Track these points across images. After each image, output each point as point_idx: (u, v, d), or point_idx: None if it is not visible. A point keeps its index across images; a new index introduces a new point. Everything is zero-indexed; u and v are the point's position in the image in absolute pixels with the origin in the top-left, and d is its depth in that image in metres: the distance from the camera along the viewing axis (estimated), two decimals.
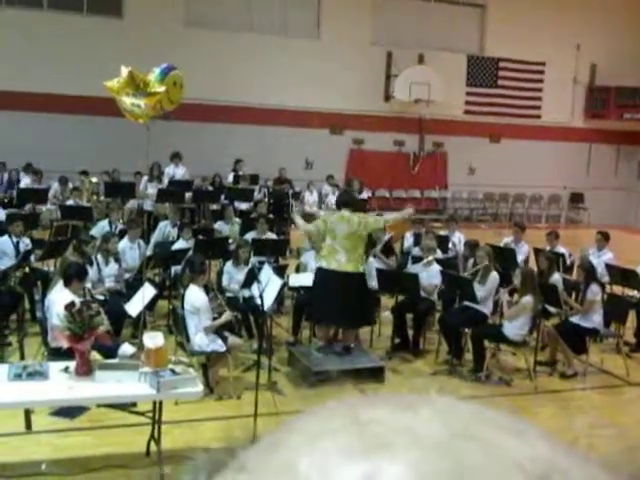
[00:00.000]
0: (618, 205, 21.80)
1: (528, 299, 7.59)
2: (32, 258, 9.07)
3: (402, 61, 19.51)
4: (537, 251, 10.31)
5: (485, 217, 21.38)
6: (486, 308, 8.19)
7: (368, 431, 0.45)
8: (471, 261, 9.04)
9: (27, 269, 8.70)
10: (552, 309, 8.60)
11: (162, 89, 6.30)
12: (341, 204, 7.74)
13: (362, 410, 0.48)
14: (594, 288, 8.19)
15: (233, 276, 8.55)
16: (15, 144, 15.72)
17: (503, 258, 9.61)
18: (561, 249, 10.39)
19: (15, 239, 9.08)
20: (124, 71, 6.37)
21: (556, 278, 8.79)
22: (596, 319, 8.19)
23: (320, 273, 7.60)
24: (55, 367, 5.27)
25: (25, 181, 14.75)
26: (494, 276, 8.21)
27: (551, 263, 9.04)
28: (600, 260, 9.62)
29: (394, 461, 0.43)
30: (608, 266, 9.66)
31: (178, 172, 14.78)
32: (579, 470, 0.46)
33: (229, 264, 8.72)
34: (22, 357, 7.11)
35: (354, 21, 19.14)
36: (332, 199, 16.10)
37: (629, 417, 7.38)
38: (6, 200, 13.41)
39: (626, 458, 0.50)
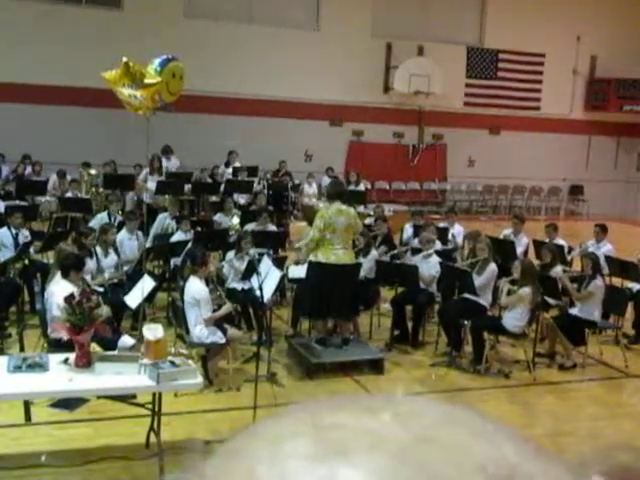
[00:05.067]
0: (618, 197, 21.80)
1: (526, 290, 7.60)
2: (31, 250, 9.06)
3: (402, 52, 19.46)
4: (537, 243, 10.32)
5: (484, 209, 21.37)
6: (485, 300, 8.19)
7: (328, 436, 0.45)
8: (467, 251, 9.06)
9: (26, 261, 8.70)
10: (551, 301, 8.61)
11: (158, 80, 6.28)
12: (335, 195, 7.69)
13: (323, 414, 0.47)
14: (598, 282, 8.19)
15: (234, 266, 8.55)
16: (14, 136, 15.68)
17: (502, 250, 9.62)
18: (560, 241, 10.39)
19: (14, 231, 9.08)
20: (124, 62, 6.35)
21: (557, 270, 8.80)
22: (595, 312, 8.20)
23: (318, 267, 7.54)
24: (55, 359, 5.27)
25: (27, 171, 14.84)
26: (492, 267, 8.22)
27: (554, 256, 9.05)
28: (599, 252, 9.61)
29: (353, 466, 0.42)
30: (607, 258, 9.66)
31: (170, 165, 14.79)
32: (544, 473, 0.45)
33: (231, 254, 8.72)
34: (22, 349, 7.11)
35: (353, 12, 19.08)
36: None
37: (628, 409, 7.40)
38: (3, 192, 13.36)
39: (598, 457, 0.50)
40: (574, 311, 8.34)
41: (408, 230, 11.41)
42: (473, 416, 0.49)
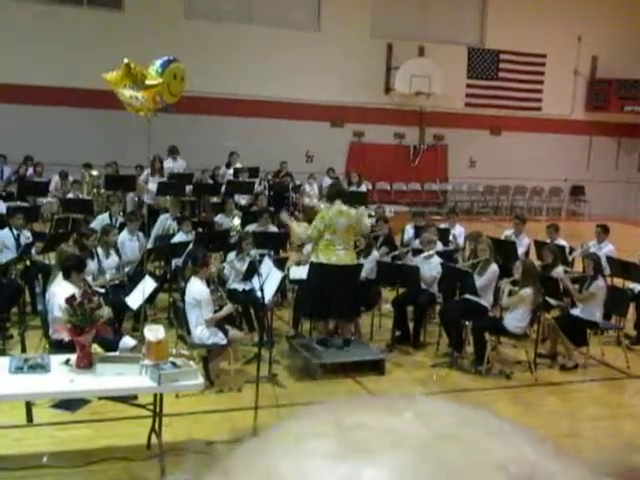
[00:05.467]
0: (619, 197, 21.79)
1: (527, 291, 7.60)
2: (33, 251, 9.07)
3: (402, 53, 19.47)
4: (538, 244, 10.31)
5: (486, 210, 21.36)
6: (486, 301, 8.19)
7: (351, 435, 0.45)
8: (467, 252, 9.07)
9: (28, 262, 8.70)
10: (553, 301, 8.61)
11: (159, 81, 6.28)
12: (334, 196, 7.70)
13: (345, 414, 0.48)
14: (599, 282, 8.19)
15: (235, 267, 8.56)
16: (16, 137, 15.69)
17: (504, 251, 9.62)
18: (561, 242, 10.39)
19: (16, 232, 9.09)
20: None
21: (558, 271, 8.80)
22: (597, 313, 8.19)
23: (318, 268, 7.54)
24: (56, 360, 5.28)
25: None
26: (493, 268, 8.22)
27: (556, 256, 9.05)
28: (601, 253, 9.61)
29: (375, 464, 0.43)
30: (609, 259, 9.66)
31: (176, 166, 14.78)
32: (564, 473, 0.45)
33: (232, 255, 8.73)
34: (23, 350, 7.12)
35: (354, 13, 19.09)
36: None
37: (629, 409, 7.39)
38: (4, 193, 13.37)
39: (616, 458, 0.50)
40: (575, 312, 8.33)
41: (409, 231, 11.41)
42: (492, 417, 0.49)
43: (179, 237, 9.70)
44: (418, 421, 0.46)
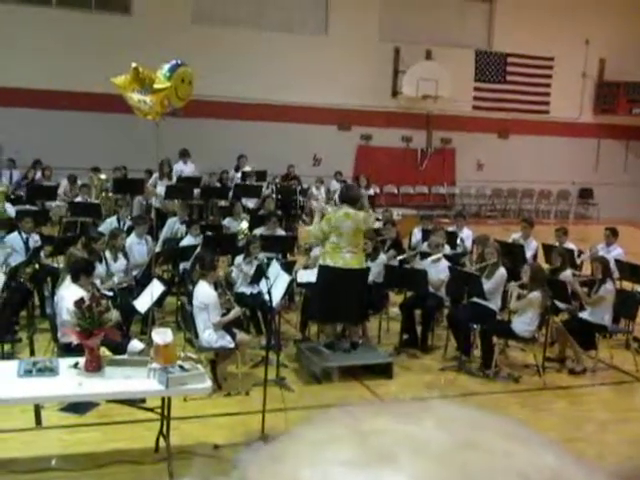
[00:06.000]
0: (627, 200, 21.68)
1: (536, 295, 7.58)
2: (42, 254, 9.10)
3: (410, 57, 19.47)
4: (546, 247, 10.29)
5: (493, 213, 21.32)
6: (494, 304, 8.17)
7: (370, 441, 0.44)
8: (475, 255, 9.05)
9: (37, 265, 8.73)
10: (561, 305, 8.58)
11: (167, 85, 6.30)
12: (345, 200, 7.71)
13: (364, 419, 0.47)
14: (608, 286, 8.16)
15: (242, 270, 8.56)
16: (25, 141, 15.76)
17: (511, 254, 9.59)
18: (570, 245, 10.35)
19: (25, 235, 9.12)
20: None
21: (567, 274, 8.77)
22: (606, 317, 8.16)
23: (325, 271, 7.55)
24: (65, 363, 5.30)
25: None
26: (501, 272, 8.20)
27: (564, 260, 9.02)
28: (609, 256, 9.57)
29: (397, 472, 0.42)
30: (618, 262, 9.62)
31: (187, 169, 14.80)
32: (586, 479, 0.45)
33: (239, 258, 8.74)
34: (32, 353, 7.14)
35: (361, 17, 19.10)
36: None
37: (639, 413, 7.36)
38: (13, 197, 13.42)
39: (636, 465, 0.49)
40: (584, 315, 8.30)
41: (417, 234, 11.40)
42: (512, 423, 0.49)
43: (187, 240, 9.72)
44: (437, 427, 0.45)
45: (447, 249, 9.75)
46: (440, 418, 0.47)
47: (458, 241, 10.66)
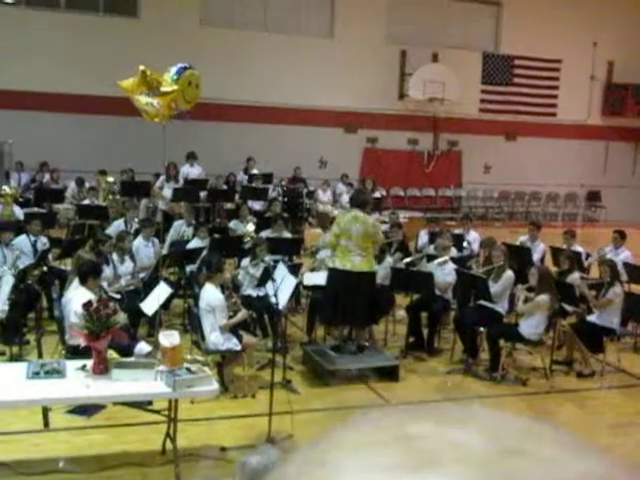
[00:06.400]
0: (635, 203, 21.63)
1: (544, 297, 7.56)
2: (50, 257, 9.13)
3: (416, 59, 19.47)
4: (554, 250, 10.27)
5: (500, 216, 21.29)
6: (501, 307, 8.16)
7: (415, 446, 0.43)
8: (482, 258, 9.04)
9: (45, 268, 8.76)
10: (569, 308, 8.56)
11: (174, 88, 6.33)
12: (354, 204, 7.72)
13: (404, 424, 0.46)
14: (616, 289, 8.13)
15: (249, 272, 8.57)
16: (33, 143, 15.83)
17: (519, 257, 9.57)
18: (578, 248, 10.33)
19: (33, 238, 9.16)
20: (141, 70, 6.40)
21: (575, 277, 8.75)
22: (614, 320, 8.13)
23: (334, 274, 7.57)
24: (72, 365, 5.31)
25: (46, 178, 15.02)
26: (509, 274, 8.18)
27: (572, 263, 9.00)
28: (617, 259, 9.55)
29: (443, 477, 0.42)
30: (625, 264, 9.59)
31: (193, 172, 14.83)
32: None
33: (246, 261, 8.75)
34: (40, 355, 7.16)
35: (368, 19, 19.12)
36: (346, 198, 16.10)
37: None
38: (22, 199, 13.46)
39: None
40: (592, 318, 8.28)
41: (423, 237, 11.39)
42: (554, 429, 0.48)
43: (194, 243, 9.73)
44: (482, 433, 0.45)
45: (454, 252, 9.74)
46: (484, 424, 0.46)
47: (465, 244, 10.65)
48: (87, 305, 5.17)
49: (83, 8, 17.30)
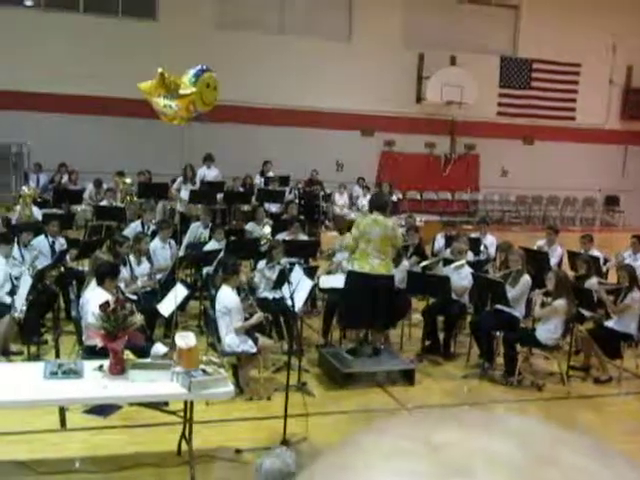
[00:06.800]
0: None
1: (561, 302, 7.51)
2: (67, 258, 9.19)
3: (434, 63, 19.43)
4: (571, 254, 10.20)
5: (517, 220, 21.19)
6: (518, 311, 8.11)
7: (443, 454, 0.43)
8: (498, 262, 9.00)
9: (62, 268, 8.82)
10: (586, 313, 8.49)
11: (192, 90, 6.34)
12: (374, 208, 7.70)
13: (431, 430, 0.45)
14: (635, 294, 8.06)
15: (265, 275, 8.59)
16: (51, 145, 15.95)
17: (536, 261, 9.52)
18: (595, 252, 10.26)
19: (51, 239, 9.23)
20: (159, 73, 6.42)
21: (592, 282, 8.68)
22: (632, 325, 8.07)
23: (353, 277, 7.56)
24: (89, 365, 5.34)
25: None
26: (526, 279, 8.13)
27: (589, 267, 8.94)
28: (636, 264, 9.46)
29: None
30: None
31: (210, 174, 14.88)
32: None
33: (262, 263, 8.77)
34: (57, 355, 7.21)
35: (386, 23, 19.11)
36: (362, 201, 16.11)
37: None
38: (40, 200, 13.56)
39: None
40: (610, 323, 8.21)
41: (440, 240, 11.36)
42: (582, 437, 0.47)
43: (211, 245, 9.76)
44: (510, 441, 0.44)
45: (470, 256, 9.70)
46: (512, 431, 0.45)
47: (482, 248, 10.61)
48: (104, 306, 5.20)
49: (102, 11, 17.42)
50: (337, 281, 8.29)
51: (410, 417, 0.49)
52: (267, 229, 10.35)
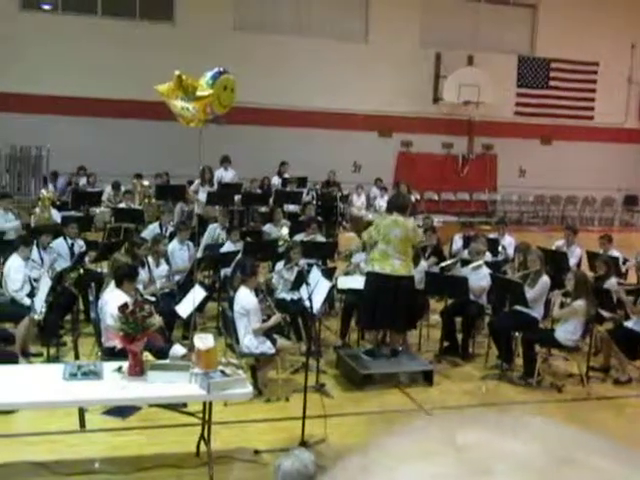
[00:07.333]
0: None
1: (580, 303, 7.46)
2: (86, 259, 9.25)
3: (451, 62, 19.37)
4: (590, 255, 10.12)
5: (536, 220, 21.06)
6: (537, 312, 8.06)
7: (466, 455, 0.43)
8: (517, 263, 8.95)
9: (81, 270, 8.87)
10: (606, 314, 8.43)
11: (210, 92, 6.36)
12: (393, 208, 7.68)
13: (456, 433, 0.46)
14: None
15: (283, 276, 8.60)
16: (70, 148, 16.06)
17: (554, 262, 9.47)
18: (615, 252, 10.17)
19: (70, 241, 9.29)
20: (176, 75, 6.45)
21: (612, 282, 8.62)
22: None
23: (373, 278, 7.54)
24: (109, 367, 5.38)
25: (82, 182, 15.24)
26: (544, 280, 8.08)
27: (609, 267, 8.87)
28: None
29: None
30: None
31: (227, 175, 14.92)
32: None
33: (280, 265, 8.78)
34: (77, 357, 7.25)
35: (402, 23, 19.07)
36: (380, 202, 16.07)
37: None
38: (59, 203, 13.66)
39: None
40: (630, 324, 8.14)
41: (458, 241, 11.31)
42: (605, 440, 0.48)
43: (227, 247, 9.79)
44: (534, 443, 0.44)
45: (488, 256, 9.66)
46: (535, 433, 0.46)
47: (500, 248, 10.56)
48: (123, 307, 5.23)
49: (119, 14, 17.53)
50: (355, 282, 8.28)
51: (433, 419, 0.49)
52: (285, 230, 10.38)
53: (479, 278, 8.68)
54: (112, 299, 6.18)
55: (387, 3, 19.00)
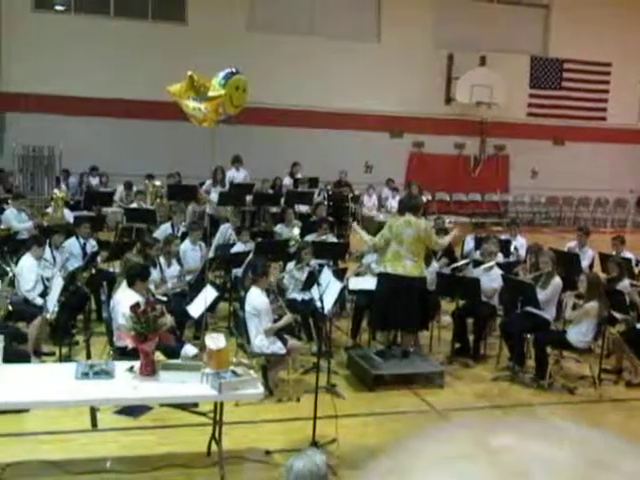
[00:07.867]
0: None
1: (593, 305, 7.43)
2: (98, 259, 9.29)
3: (463, 63, 19.31)
4: (603, 256, 10.07)
5: (548, 221, 20.97)
6: (548, 314, 8.03)
7: (500, 459, 0.43)
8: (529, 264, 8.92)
9: (93, 270, 8.91)
10: (618, 315, 8.38)
11: (221, 93, 6.37)
12: (405, 209, 7.66)
13: (485, 436, 0.45)
14: None
15: (294, 276, 8.60)
16: (82, 148, 16.13)
17: (567, 263, 9.42)
18: (627, 254, 10.12)
19: (82, 241, 9.33)
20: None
21: (625, 284, 8.57)
22: None
23: (385, 278, 7.52)
24: (120, 366, 5.40)
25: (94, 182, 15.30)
26: (557, 281, 8.05)
27: (621, 269, 8.82)
28: None
29: None
30: None
31: (239, 176, 14.93)
32: None
33: (291, 265, 8.78)
34: (88, 356, 7.29)
35: (415, 24, 19.04)
36: (391, 202, 16.06)
37: None
38: (72, 203, 13.73)
39: None
40: None
41: (469, 242, 11.28)
42: (633, 444, 0.48)
43: (237, 247, 9.80)
44: (568, 446, 0.44)
45: (500, 257, 9.63)
46: (569, 438, 0.46)
47: (512, 249, 10.53)
48: (135, 307, 5.24)
49: (132, 15, 17.59)
50: (366, 283, 8.27)
51: (462, 423, 0.49)
52: (296, 231, 10.38)
53: (491, 279, 8.66)
54: (124, 299, 6.20)
55: (400, 4, 18.98)
